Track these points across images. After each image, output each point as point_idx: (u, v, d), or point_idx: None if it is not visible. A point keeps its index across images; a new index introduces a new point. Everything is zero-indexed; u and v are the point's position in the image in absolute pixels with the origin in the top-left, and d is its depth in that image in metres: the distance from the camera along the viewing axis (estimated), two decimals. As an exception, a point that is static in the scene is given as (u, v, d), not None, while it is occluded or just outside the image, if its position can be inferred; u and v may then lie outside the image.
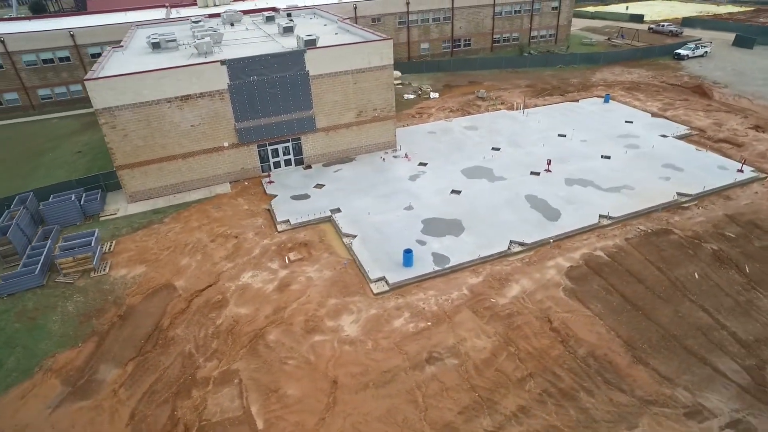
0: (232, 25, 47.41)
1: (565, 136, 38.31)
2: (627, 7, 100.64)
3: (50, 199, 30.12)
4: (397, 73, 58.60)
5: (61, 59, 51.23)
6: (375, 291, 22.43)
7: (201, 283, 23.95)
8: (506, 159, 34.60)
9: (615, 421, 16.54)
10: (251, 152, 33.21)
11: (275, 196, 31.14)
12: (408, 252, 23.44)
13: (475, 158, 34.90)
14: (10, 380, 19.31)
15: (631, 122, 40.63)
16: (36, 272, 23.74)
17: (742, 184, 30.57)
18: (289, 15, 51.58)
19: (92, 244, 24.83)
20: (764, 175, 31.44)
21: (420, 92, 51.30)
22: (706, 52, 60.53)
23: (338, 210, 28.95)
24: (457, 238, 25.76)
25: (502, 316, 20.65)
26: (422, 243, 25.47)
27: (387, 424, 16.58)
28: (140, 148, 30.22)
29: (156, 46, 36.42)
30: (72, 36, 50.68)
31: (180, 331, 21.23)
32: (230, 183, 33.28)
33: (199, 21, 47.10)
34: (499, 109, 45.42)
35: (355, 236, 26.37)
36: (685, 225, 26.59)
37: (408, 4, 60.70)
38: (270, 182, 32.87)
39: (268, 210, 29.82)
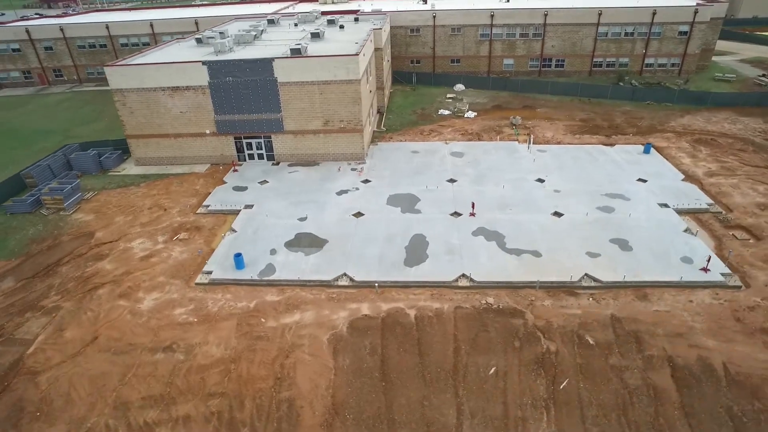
0: (296, 25, 52.92)
1: (543, 181, 34.04)
2: None
3: (88, 151, 40.03)
4: (460, 87, 57.36)
5: (187, 42, 63.96)
6: (196, 281, 25.40)
7: (109, 237, 30.07)
8: (447, 193, 32.80)
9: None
10: (229, 142, 38.32)
11: (225, 183, 35.76)
12: (237, 256, 25.66)
13: (420, 186, 33.92)
14: (-41, 269, 28.10)
15: (645, 181, 33.74)
16: (28, 203, 32.90)
17: (690, 286, 23.87)
18: (356, 20, 55.00)
19: (64, 190, 33.02)
20: (736, 285, 23.88)
21: (455, 109, 49.69)
22: None
23: (251, 206, 32.13)
24: (306, 257, 26.71)
25: (253, 336, 21.68)
26: (274, 252, 27.19)
27: (90, 384, 19.93)
28: (143, 123, 37.85)
29: (199, 41, 43.93)
30: (196, 23, 62.81)
31: (65, 269, 27.58)
32: (210, 165, 39.08)
33: (274, 20, 53.78)
34: (517, 140, 41.79)
35: (235, 231, 29.40)
36: (546, 313, 22.59)
37: (492, 16, 58.06)
38: (234, 171, 37.61)
39: (210, 193, 34.63)
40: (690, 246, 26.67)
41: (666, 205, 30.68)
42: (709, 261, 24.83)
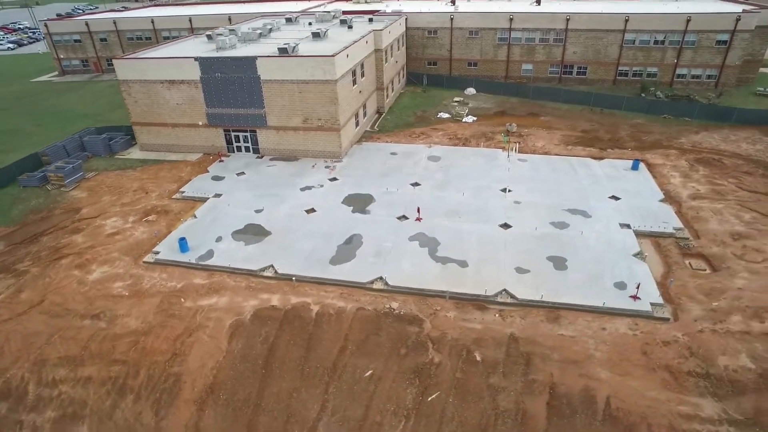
0: (310, 24, 54.68)
1: (505, 191, 33.38)
2: None
3: (102, 136, 44.19)
4: (471, 91, 56.69)
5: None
6: (144, 259, 27.79)
7: (92, 214, 33.39)
8: (405, 197, 33.09)
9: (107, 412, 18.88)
10: (219, 134, 40.83)
11: (208, 172, 38.24)
12: (182, 239, 27.74)
13: (381, 188, 34.45)
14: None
15: (619, 199, 32.15)
16: (37, 178, 37.18)
17: (611, 313, 22.80)
18: (371, 20, 55.92)
19: (65, 169, 36.93)
20: (664, 317, 22.48)
21: (455, 113, 49.25)
22: None
23: (220, 195, 34.25)
24: (245, 246, 28.30)
25: (169, 314, 23.55)
26: (219, 239, 29.04)
27: (22, 341, 22.71)
28: (146, 112, 41.24)
29: (209, 38, 46.88)
30: (229, 19, 66.52)
31: (46, 239, 31.09)
32: (202, 154, 41.82)
33: (292, 18, 55.94)
34: (503, 148, 40.97)
35: (196, 218, 31.60)
36: (445, 324, 22.55)
37: (511, 20, 56.60)
38: (220, 161, 40.05)
39: (190, 181, 37.21)
40: (631, 271, 25.31)
41: (628, 226, 29.14)
42: (638, 288, 23.53)
